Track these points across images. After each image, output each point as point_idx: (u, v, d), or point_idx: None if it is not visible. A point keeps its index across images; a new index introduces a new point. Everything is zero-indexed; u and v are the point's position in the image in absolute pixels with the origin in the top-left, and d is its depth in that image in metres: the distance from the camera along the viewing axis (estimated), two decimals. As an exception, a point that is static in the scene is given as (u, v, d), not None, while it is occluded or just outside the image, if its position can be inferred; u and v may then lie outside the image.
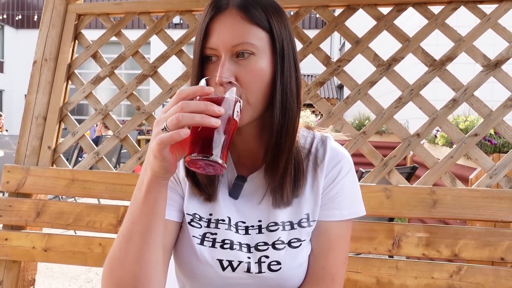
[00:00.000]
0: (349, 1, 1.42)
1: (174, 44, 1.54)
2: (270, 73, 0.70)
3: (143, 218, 0.64)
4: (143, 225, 0.64)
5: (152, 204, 0.63)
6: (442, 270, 1.19)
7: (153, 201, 0.63)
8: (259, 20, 0.69)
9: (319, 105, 1.41)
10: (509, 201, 1.19)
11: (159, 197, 0.63)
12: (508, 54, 1.30)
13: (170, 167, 0.60)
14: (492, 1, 1.34)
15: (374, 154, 1.35)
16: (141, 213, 0.64)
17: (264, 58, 0.69)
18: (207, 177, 0.76)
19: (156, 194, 0.63)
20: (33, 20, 16.16)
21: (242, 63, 0.68)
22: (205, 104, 0.55)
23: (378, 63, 1.38)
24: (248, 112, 0.69)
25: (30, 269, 1.55)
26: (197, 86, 0.58)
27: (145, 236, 0.64)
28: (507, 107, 1.28)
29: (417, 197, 1.24)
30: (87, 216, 1.41)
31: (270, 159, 0.73)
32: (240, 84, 0.67)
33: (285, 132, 0.71)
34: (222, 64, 0.67)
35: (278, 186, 0.74)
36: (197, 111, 0.55)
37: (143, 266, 0.65)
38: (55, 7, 1.60)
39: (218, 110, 0.56)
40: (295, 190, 0.75)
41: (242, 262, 0.74)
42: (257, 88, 0.69)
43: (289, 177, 0.73)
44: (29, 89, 1.57)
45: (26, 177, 1.48)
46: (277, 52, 0.70)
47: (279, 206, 0.75)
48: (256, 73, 0.68)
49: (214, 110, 0.55)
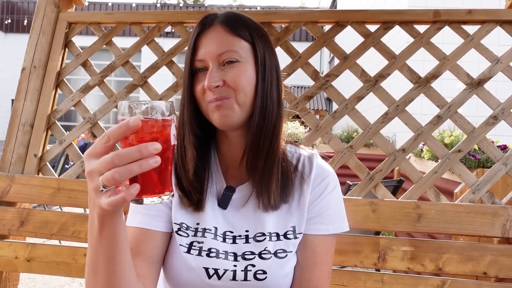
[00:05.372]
0: (338, 18, 1.45)
1: (165, 55, 1.55)
2: (255, 78, 0.76)
3: (104, 251, 0.60)
4: (106, 257, 0.60)
5: (111, 238, 0.58)
6: (427, 284, 1.20)
7: (111, 235, 0.58)
8: (242, 33, 0.76)
9: (307, 118, 1.43)
10: (491, 216, 1.22)
11: (116, 229, 0.58)
12: (490, 73, 1.34)
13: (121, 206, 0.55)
14: (475, 22, 1.38)
15: (360, 168, 1.37)
16: (101, 247, 0.59)
17: (248, 65, 0.75)
18: (195, 188, 0.78)
19: (113, 227, 0.58)
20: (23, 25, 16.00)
21: (228, 70, 0.74)
22: (139, 151, 0.49)
23: (365, 79, 1.40)
24: (237, 112, 0.74)
25: (12, 279, 1.51)
26: (121, 125, 0.50)
27: (110, 267, 0.61)
28: (489, 124, 1.32)
29: (402, 211, 1.26)
30: (73, 226, 1.39)
31: (249, 159, 0.76)
32: (228, 85, 0.73)
33: (264, 133, 0.76)
34: (210, 71, 0.73)
35: (264, 190, 0.76)
36: (133, 161, 0.49)
37: None
38: (46, 15, 1.60)
39: (155, 150, 0.50)
40: (283, 196, 0.78)
41: (228, 270, 0.75)
42: (244, 87, 0.74)
43: (275, 182, 0.77)
44: (17, 96, 1.56)
45: (11, 185, 1.45)
46: (258, 60, 0.76)
47: (267, 210, 0.77)
48: (242, 75, 0.74)
49: (151, 152, 0.49)
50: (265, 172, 0.76)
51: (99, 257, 0.60)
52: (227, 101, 0.73)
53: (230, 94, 0.73)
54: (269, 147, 0.76)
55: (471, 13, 1.37)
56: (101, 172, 0.50)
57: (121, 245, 0.60)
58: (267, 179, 0.76)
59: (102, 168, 0.50)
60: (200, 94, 0.75)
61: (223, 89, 0.73)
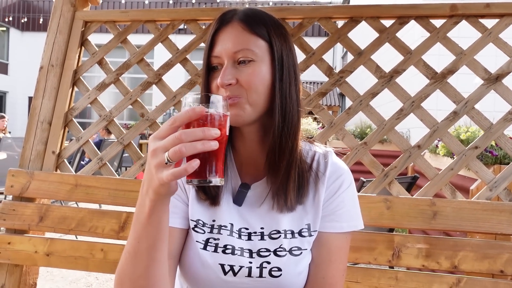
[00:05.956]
0: (352, 13, 1.44)
1: (179, 53, 1.56)
2: (270, 78, 0.75)
3: (149, 237, 0.65)
4: (149, 243, 0.65)
5: (157, 224, 0.64)
6: (442, 281, 1.19)
7: (157, 221, 0.64)
8: (259, 31, 0.75)
9: (321, 115, 1.42)
10: (509, 214, 1.20)
11: (163, 217, 0.64)
12: (508, 68, 1.31)
13: (175, 188, 0.61)
14: (494, 16, 1.35)
15: (375, 164, 1.36)
16: (146, 233, 0.64)
17: (264, 65, 0.75)
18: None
19: (161, 214, 0.63)
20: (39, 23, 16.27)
21: (243, 69, 0.74)
22: (203, 131, 0.56)
23: (380, 75, 1.39)
24: (248, 112, 0.74)
25: (32, 273, 1.56)
26: (189, 110, 0.57)
27: (151, 254, 0.66)
28: (507, 121, 1.29)
29: (417, 208, 1.25)
30: (90, 222, 1.42)
31: (271, 160, 0.76)
32: (240, 84, 0.73)
33: (286, 134, 0.76)
34: (224, 68, 0.73)
35: (281, 190, 0.76)
36: (197, 139, 0.55)
37: (151, 279, 0.67)
38: (63, 14, 1.63)
39: (215, 134, 0.57)
40: (299, 197, 0.78)
41: (244, 266, 0.76)
42: (257, 88, 0.73)
43: (292, 182, 0.77)
44: (35, 94, 1.59)
45: (30, 181, 1.49)
46: (275, 60, 0.75)
47: (282, 211, 0.77)
48: (256, 75, 0.73)
49: (212, 135, 0.56)
50: (284, 174, 0.76)
51: (142, 243, 0.65)
52: (238, 100, 0.73)
53: (242, 93, 0.73)
54: (291, 148, 0.76)
55: (489, 6, 1.34)
56: (167, 148, 0.56)
57: (164, 233, 0.65)
58: (285, 180, 0.76)
59: (168, 144, 0.55)
60: (215, 90, 0.76)
61: (235, 88, 0.73)
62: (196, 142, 0.55)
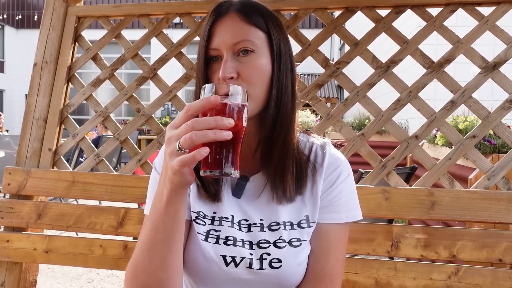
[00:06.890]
0: (347, 3, 1.42)
1: (174, 46, 1.55)
2: (269, 70, 0.74)
3: (166, 228, 0.65)
4: (166, 234, 0.66)
5: (174, 215, 0.65)
6: (441, 271, 1.19)
7: (174, 212, 0.65)
8: (257, 22, 0.74)
9: (318, 107, 1.41)
10: (507, 203, 1.20)
11: (180, 207, 0.65)
12: (506, 56, 1.30)
13: (189, 179, 0.61)
14: (490, 3, 1.34)
15: (372, 155, 1.36)
16: (163, 223, 0.65)
17: (264, 56, 0.74)
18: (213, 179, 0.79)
19: (177, 205, 0.64)
20: (33, 20, 16.14)
21: (243, 60, 0.73)
22: (215, 120, 0.55)
23: (376, 65, 1.38)
24: (250, 106, 0.72)
25: (31, 270, 1.56)
26: (203, 99, 0.57)
27: (169, 245, 0.67)
28: (505, 109, 1.29)
29: (415, 199, 1.25)
30: (88, 218, 1.42)
31: (264, 151, 0.77)
32: (242, 79, 0.72)
33: (279, 125, 0.75)
34: (225, 61, 0.72)
35: (279, 182, 0.76)
36: (208, 128, 0.55)
37: (168, 271, 0.68)
38: (55, 10, 1.61)
39: (229, 123, 0.56)
40: (298, 188, 0.78)
41: (245, 258, 0.76)
42: (258, 82, 0.73)
43: (290, 173, 0.76)
44: (30, 91, 1.58)
45: (27, 179, 1.48)
46: (274, 51, 0.75)
47: (282, 202, 0.77)
48: (257, 68, 0.73)
49: (225, 124, 0.56)
50: (280, 164, 0.76)
51: (158, 234, 0.66)
52: None
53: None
54: (284, 139, 0.76)
55: (486, -6, 1.32)
56: (179, 136, 0.56)
57: (181, 224, 0.67)
58: (282, 171, 0.76)
59: (181, 133, 0.56)
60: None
61: (237, 82, 0.72)
62: (207, 131, 0.55)
